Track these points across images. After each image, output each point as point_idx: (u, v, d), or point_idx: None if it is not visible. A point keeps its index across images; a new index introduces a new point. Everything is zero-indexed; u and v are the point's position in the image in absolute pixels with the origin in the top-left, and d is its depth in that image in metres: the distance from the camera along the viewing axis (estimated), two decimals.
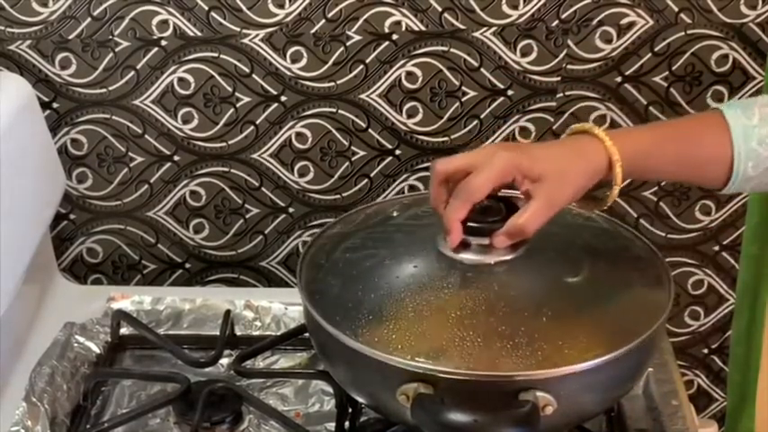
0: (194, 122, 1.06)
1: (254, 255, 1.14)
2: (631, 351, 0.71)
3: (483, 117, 1.06)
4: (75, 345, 0.91)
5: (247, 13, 1.00)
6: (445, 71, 1.04)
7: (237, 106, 1.05)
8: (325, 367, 0.81)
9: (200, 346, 0.94)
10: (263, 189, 1.10)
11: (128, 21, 1.00)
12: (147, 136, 1.06)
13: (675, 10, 1.01)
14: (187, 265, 1.14)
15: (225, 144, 1.07)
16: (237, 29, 1.01)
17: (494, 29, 1.02)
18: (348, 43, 1.02)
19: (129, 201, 1.10)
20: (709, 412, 1.24)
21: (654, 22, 1.01)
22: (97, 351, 0.93)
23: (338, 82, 1.04)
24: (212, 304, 0.97)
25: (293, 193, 1.10)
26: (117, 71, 1.03)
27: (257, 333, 0.96)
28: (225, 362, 0.93)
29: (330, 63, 1.03)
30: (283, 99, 1.05)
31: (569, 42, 1.02)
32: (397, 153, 1.08)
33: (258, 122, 1.06)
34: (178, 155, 1.08)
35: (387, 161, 1.08)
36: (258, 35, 1.02)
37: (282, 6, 1.00)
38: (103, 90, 1.04)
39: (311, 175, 1.09)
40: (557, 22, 1.01)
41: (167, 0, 0.99)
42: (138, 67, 1.03)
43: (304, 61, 1.03)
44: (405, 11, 1.00)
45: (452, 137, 1.07)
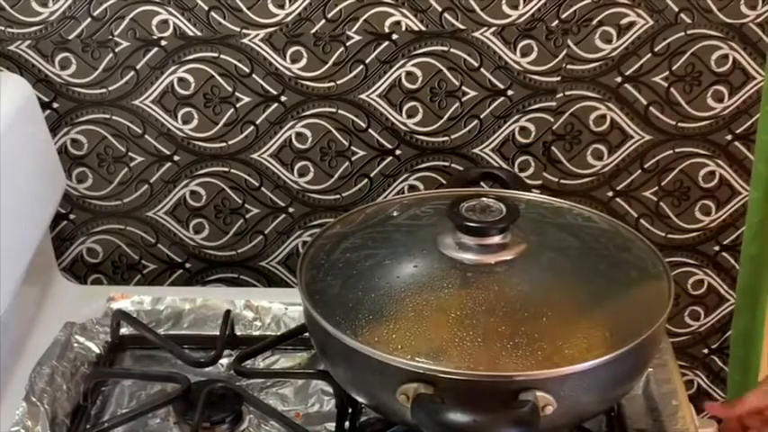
0: (194, 122, 1.06)
1: (254, 255, 1.14)
2: (631, 351, 0.71)
3: (483, 117, 1.06)
4: (75, 345, 0.91)
5: (247, 13, 1.00)
6: (445, 71, 1.04)
7: (237, 106, 1.05)
8: (326, 367, 0.81)
9: (200, 346, 0.94)
10: (263, 189, 1.10)
11: (128, 21, 1.00)
12: (147, 136, 1.06)
13: (675, 10, 1.01)
14: (187, 265, 1.14)
15: (225, 144, 1.07)
16: (237, 29, 1.01)
17: (494, 29, 1.02)
18: (348, 43, 1.02)
19: (129, 201, 1.10)
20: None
21: (654, 22, 1.01)
22: (97, 351, 0.93)
23: (338, 82, 1.04)
24: (212, 304, 0.97)
25: (293, 193, 1.10)
26: (117, 71, 1.03)
27: (257, 333, 0.96)
28: (225, 362, 0.93)
29: (330, 63, 1.03)
30: (283, 99, 1.05)
31: (569, 42, 1.02)
32: (397, 153, 1.08)
33: (258, 122, 1.06)
34: (178, 155, 1.08)
35: (387, 161, 1.08)
36: (258, 35, 1.02)
37: (282, 6, 1.00)
38: (103, 90, 1.04)
39: (311, 175, 1.09)
40: (557, 22, 1.01)
41: (167, 0, 0.99)
42: (138, 67, 1.03)
43: (304, 61, 1.03)
44: (405, 11, 1.00)
45: (452, 137, 1.07)
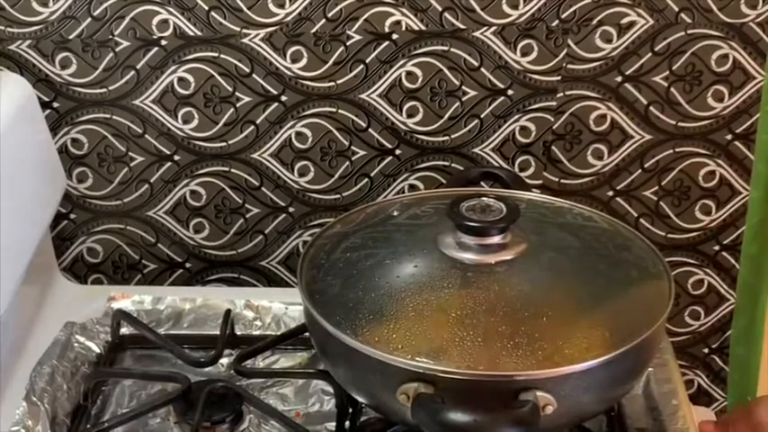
0: (194, 122, 1.06)
1: (255, 254, 1.14)
2: (631, 351, 0.71)
3: (483, 117, 1.06)
4: (76, 344, 0.91)
5: (247, 12, 1.00)
6: (445, 71, 1.04)
7: (237, 106, 1.05)
8: (326, 367, 0.81)
9: (200, 345, 0.94)
10: (263, 189, 1.10)
11: (128, 21, 1.00)
12: (147, 136, 1.06)
13: (675, 10, 1.01)
14: (187, 265, 1.14)
15: (225, 144, 1.07)
16: (237, 29, 1.01)
17: (494, 28, 1.02)
18: (348, 43, 1.02)
19: (129, 200, 1.10)
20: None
21: (654, 21, 1.01)
22: (97, 351, 0.92)
23: (338, 82, 1.04)
24: (212, 304, 0.97)
25: (293, 193, 1.10)
26: (117, 71, 1.03)
27: (257, 333, 0.96)
28: (225, 362, 0.93)
29: (330, 63, 1.03)
30: (283, 99, 1.05)
31: (569, 42, 1.02)
32: (397, 153, 1.08)
33: (258, 122, 1.06)
34: (178, 155, 1.08)
35: (387, 161, 1.08)
36: (258, 35, 1.02)
37: (282, 6, 1.00)
38: (103, 90, 1.04)
39: (311, 175, 1.09)
40: (557, 21, 1.01)
41: (167, 0, 0.99)
42: (138, 67, 1.03)
43: (304, 61, 1.03)
44: (405, 10, 1.00)
45: (452, 136, 1.07)
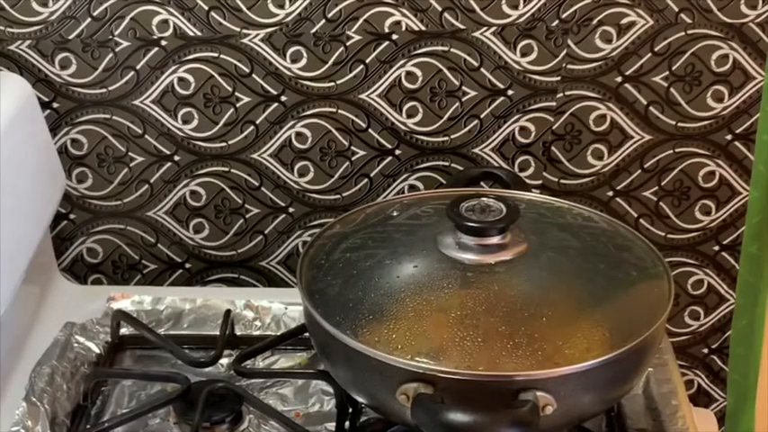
0: (194, 122, 1.06)
1: (254, 255, 1.14)
2: (631, 351, 0.71)
3: (483, 117, 1.06)
4: (75, 345, 0.91)
5: (247, 13, 1.00)
6: (445, 71, 1.04)
7: (237, 106, 1.05)
8: (326, 367, 0.81)
9: (200, 346, 0.94)
10: (263, 189, 1.10)
11: (128, 21, 1.00)
12: (147, 136, 1.06)
13: (675, 10, 1.01)
14: (187, 265, 1.14)
15: (225, 144, 1.07)
16: (237, 29, 1.01)
17: (494, 29, 1.02)
18: (348, 43, 1.02)
19: (129, 201, 1.10)
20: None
21: (654, 21, 1.01)
22: (97, 351, 0.92)
23: (338, 82, 1.04)
24: (212, 304, 0.97)
25: (293, 193, 1.10)
26: (117, 71, 1.03)
27: (257, 333, 0.96)
28: (225, 362, 0.93)
29: (330, 63, 1.03)
30: (283, 99, 1.05)
31: (569, 42, 1.02)
32: (397, 153, 1.08)
33: (258, 122, 1.06)
34: (178, 155, 1.08)
35: (387, 161, 1.08)
36: (258, 35, 1.02)
37: (282, 6, 1.00)
38: (103, 90, 1.04)
39: (311, 175, 1.09)
40: (557, 21, 1.01)
41: (167, 0, 0.99)
42: (138, 67, 1.03)
43: (304, 61, 1.03)
44: (405, 11, 1.00)
45: (452, 137, 1.07)
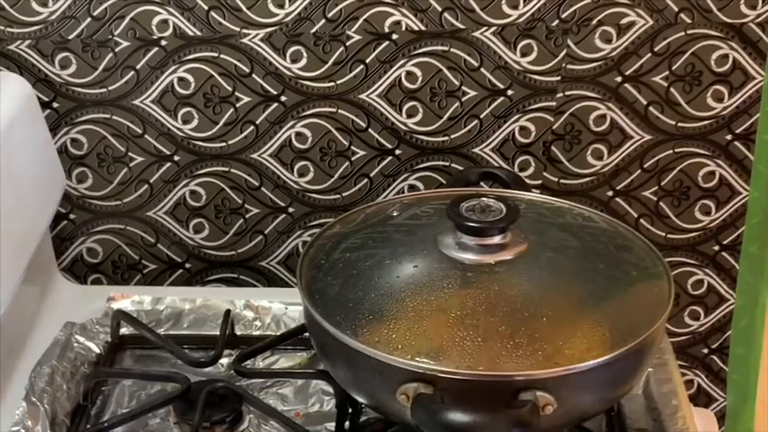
0: (194, 122, 1.06)
1: (254, 255, 1.14)
2: (631, 351, 0.71)
3: (483, 117, 1.06)
4: (75, 345, 0.91)
5: (247, 13, 1.00)
6: (445, 71, 1.04)
7: (237, 106, 1.05)
8: (325, 367, 0.81)
9: (200, 346, 0.94)
10: (263, 189, 1.10)
11: (128, 21, 1.00)
12: (147, 136, 1.06)
13: (675, 10, 1.01)
14: (187, 265, 1.14)
15: (225, 144, 1.07)
16: (237, 29, 1.01)
17: (494, 29, 1.02)
18: (348, 43, 1.02)
19: (129, 201, 1.10)
20: None
21: (654, 22, 1.01)
22: (97, 351, 0.92)
23: (338, 82, 1.04)
24: (212, 304, 0.97)
25: (293, 193, 1.10)
26: (117, 71, 1.03)
27: (257, 333, 0.96)
28: (225, 362, 0.93)
29: (330, 63, 1.03)
30: (283, 99, 1.05)
31: (569, 42, 1.02)
32: (397, 153, 1.08)
33: (258, 122, 1.06)
34: (178, 155, 1.08)
35: (387, 161, 1.08)
36: (258, 35, 1.02)
37: (282, 6, 1.00)
38: (103, 90, 1.04)
39: (311, 175, 1.09)
40: (557, 21, 1.01)
41: (167, 0, 0.99)
42: (138, 67, 1.03)
43: (304, 61, 1.03)
44: (405, 11, 1.00)
45: (452, 136, 1.07)
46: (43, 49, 1.01)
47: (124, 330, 0.96)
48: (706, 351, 1.20)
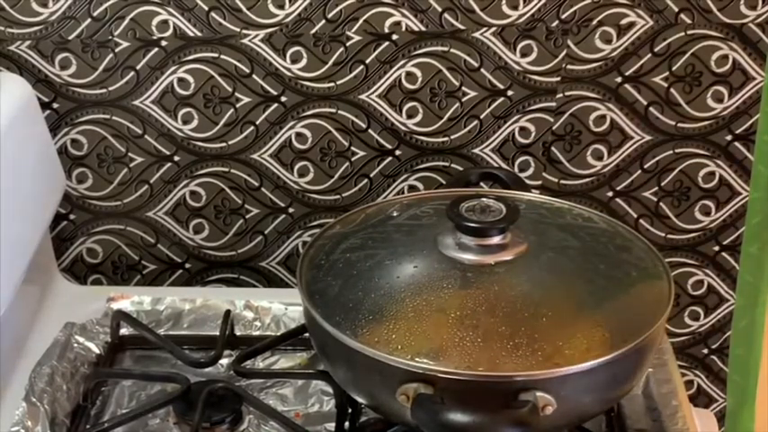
0: (194, 123, 1.06)
1: (254, 255, 1.14)
2: (631, 351, 0.71)
3: (483, 117, 1.06)
4: (75, 345, 0.91)
5: (247, 13, 1.00)
6: (445, 71, 1.04)
7: (237, 106, 1.05)
8: (325, 367, 0.81)
9: (200, 346, 0.94)
10: (263, 189, 1.10)
11: (128, 21, 1.00)
12: (147, 136, 1.06)
13: (675, 10, 1.01)
14: (187, 266, 1.14)
15: (225, 144, 1.07)
16: (237, 29, 1.01)
17: (494, 29, 1.02)
18: (348, 43, 1.02)
19: (129, 201, 1.10)
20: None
21: (654, 22, 1.01)
22: (97, 351, 0.92)
23: (338, 82, 1.04)
24: (212, 304, 0.97)
25: (293, 194, 1.10)
26: (117, 71, 1.03)
27: (257, 333, 0.96)
28: (225, 362, 0.93)
29: (330, 63, 1.03)
30: (283, 99, 1.05)
31: (569, 42, 1.02)
32: (397, 153, 1.08)
33: (258, 123, 1.06)
34: (178, 155, 1.08)
35: (387, 161, 1.08)
36: (258, 35, 1.02)
37: (282, 7, 1.00)
38: (103, 90, 1.04)
39: (311, 176, 1.09)
40: (557, 22, 1.01)
41: (167, 0, 0.99)
42: (138, 68, 1.03)
43: (304, 61, 1.03)
44: (405, 11, 1.00)
45: (452, 137, 1.07)
46: (43, 49, 1.01)
47: (124, 331, 0.96)
48: (706, 351, 1.20)
